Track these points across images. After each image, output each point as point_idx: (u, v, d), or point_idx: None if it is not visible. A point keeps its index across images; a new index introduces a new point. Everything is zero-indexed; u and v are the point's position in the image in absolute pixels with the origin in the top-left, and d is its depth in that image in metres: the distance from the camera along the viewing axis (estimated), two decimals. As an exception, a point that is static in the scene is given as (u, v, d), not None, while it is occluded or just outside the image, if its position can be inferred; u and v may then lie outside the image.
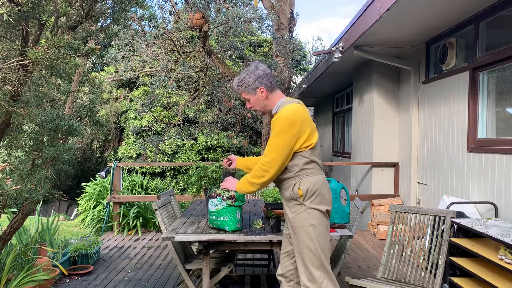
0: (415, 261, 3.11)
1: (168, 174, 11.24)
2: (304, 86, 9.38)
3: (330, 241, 2.40)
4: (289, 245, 2.47)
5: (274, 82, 2.43)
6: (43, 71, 2.40)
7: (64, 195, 11.86)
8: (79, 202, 7.25)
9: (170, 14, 6.34)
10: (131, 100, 11.65)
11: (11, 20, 1.98)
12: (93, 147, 12.51)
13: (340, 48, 5.71)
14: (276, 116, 2.29)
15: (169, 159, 11.15)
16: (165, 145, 10.91)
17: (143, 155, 9.98)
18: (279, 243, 2.77)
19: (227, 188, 2.49)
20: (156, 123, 10.30)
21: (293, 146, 2.26)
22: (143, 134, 11.24)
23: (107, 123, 11.45)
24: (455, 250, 3.25)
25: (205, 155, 11.33)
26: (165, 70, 5.96)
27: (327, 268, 2.29)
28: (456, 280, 3.10)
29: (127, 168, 9.18)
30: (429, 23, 4.52)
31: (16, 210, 4.16)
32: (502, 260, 2.65)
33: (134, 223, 6.22)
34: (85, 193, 6.99)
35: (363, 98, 6.85)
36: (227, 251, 3.55)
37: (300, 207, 2.30)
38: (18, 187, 2.26)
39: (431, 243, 3.00)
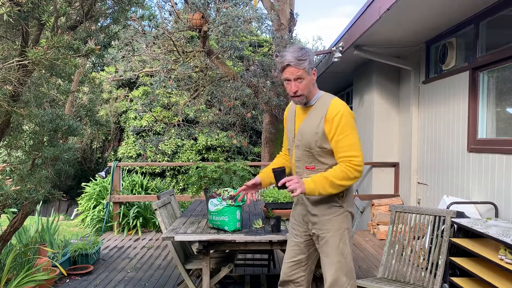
0: (415, 261, 3.11)
1: (168, 174, 11.24)
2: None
3: None
4: (301, 253, 2.33)
5: None
6: (43, 71, 2.40)
7: (64, 195, 11.86)
8: (79, 202, 7.25)
9: (170, 14, 6.34)
10: (131, 100, 11.65)
11: (11, 20, 1.98)
12: (93, 147, 12.51)
13: (340, 48, 5.71)
14: (338, 111, 2.09)
15: (169, 159, 11.15)
16: (165, 145, 10.91)
17: (143, 155, 9.97)
18: (279, 243, 2.77)
19: (300, 192, 2.05)
20: (156, 123, 10.30)
21: None
22: (143, 134, 11.24)
23: (107, 123, 11.45)
24: (455, 250, 3.25)
25: (205, 155, 11.33)
26: (165, 70, 5.96)
27: (353, 274, 2.22)
28: (456, 280, 3.10)
29: (127, 168, 9.17)
30: (429, 23, 4.52)
31: (16, 210, 4.16)
32: (502, 260, 2.65)
33: (134, 223, 6.22)
34: (85, 193, 6.99)
35: (363, 98, 6.85)
36: (227, 251, 3.55)
37: (338, 209, 2.20)
38: (18, 187, 2.26)
39: (431, 243, 3.00)
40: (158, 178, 10.86)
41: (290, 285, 2.38)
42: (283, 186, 2.09)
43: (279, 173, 2.13)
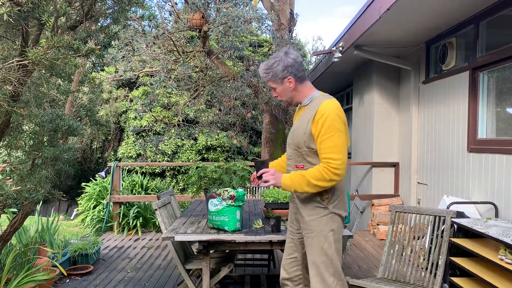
0: (415, 261, 3.11)
1: (168, 174, 11.24)
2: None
3: None
4: (297, 251, 2.38)
5: (305, 73, 2.26)
6: (43, 71, 2.40)
7: (64, 195, 11.86)
8: (79, 202, 7.25)
9: (170, 14, 6.34)
10: (131, 100, 11.65)
11: (11, 20, 1.98)
12: (93, 147, 12.51)
13: (340, 48, 5.71)
14: (323, 113, 2.11)
15: (169, 159, 11.15)
16: (165, 145, 10.91)
17: (143, 155, 9.97)
18: (279, 243, 2.77)
19: (273, 184, 2.18)
20: (156, 123, 10.30)
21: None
22: (143, 134, 11.24)
23: (107, 123, 11.45)
24: (455, 250, 3.25)
25: (205, 155, 11.33)
26: (165, 70, 5.96)
27: (341, 275, 2.22)
28: (456, 280, 3.10)
29: (127, 168, 9.17)
30: (429, 23, 4.52)
31: (16, 210, 4.16)
32: (502, 260, 2.65)
33: (134, 223, 6.22)
34: (85, 193, 6.99)
35: (363, 98, 6.85)
36: (227, 251, 3.55)
37: (322, 210, 2.20)
38: (18, 187, 2.26)
39: (431, 243, 3.00)
40: (158, 178, 10.86)
41: (289, 284, 2.41)
42: (261, 177, 2.23)
43: (260, 164, 2.26)
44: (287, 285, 2.43)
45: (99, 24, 2.91)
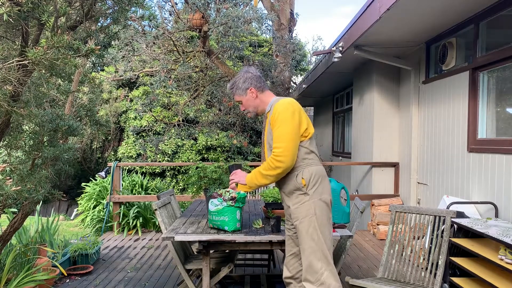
0: (415, 261, 3.11)
1: (168, 174, 11.24)
2: (304, 86, 9.38)
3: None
4: (295, 246, 2.46)
5: (264, 84, 2.52)
6: (43, 71, 2.39)
7: (64, 195, 11.86)
8: (79, 202, 7.25)
9: (170, 14, 6.34)
10: (131, 100, 11.65)
11: (11, 20, 1.98)
12: (93, 147, 12.51)
13: (340, 48, 5.71)
14: (274, 111, 2.33)
15: (169, 159, 11.15)
16: (165, 145, 10.90)
17: (143, 155, 9.97)
18: (279, 243, 2.77)
19: (236, 181, 2.43)
20: (156, 123, 10.30)
21: (299, 134, 2.30)
22: (143, 134, 11.24)
23: (107, 123, 11.45)
24: (455, 250, 3.25)
25: (205, 155, 11.33)
26: (165, 70, 5.96)
27: (329, 260, 2.27)
28: (456, 280, 3.10)
29: (127, 168, 9.17)
30: (429, 23, 4.52)
31: (16, 210, 4.16)
32: (502, 260, 2.65)
33: (134, 223, 6.22)
34: (85, 193, 6.99)
35: (363, 98, 6.85)
36: (227, 251, 3.55)
37: (304, 197, 2.31)
38: (18, 187, 2.26)
39: (431, 243, 3.00)
40: (158, 178, 10.86)
41: (293, 283, 2.45)
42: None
43: (232, 166, 2.54)
44: (291, 283, 2.47)
45: (99, 24, 2.91)
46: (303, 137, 2.32)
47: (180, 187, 11.08)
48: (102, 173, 6.86)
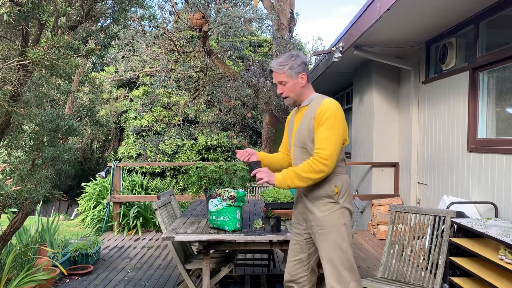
0: (415, 261, 3.11)
1: (168, 174, 11.24)
2: (304, 86, 9.37)
3: None
4: (302, 252, 2.38)
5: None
6: (43, 71, 2.40)
7: (64, 195, 11.85)
8: (79, 202, 7.25)
9: (170, 14, 6.34)
10: (131, 100, 11.65)
11: (11, 20, 1.98)
12: (93, 147, 12.51)
13: (340, 48, 5.71)
14: (323, 109, 2.20)
15: (169, 159, 11.15)
16: (165, 145, 10.90)
17: (143, 155, 9.97)
18: (279, 243, 2.77)
19: (266, 181, 2.21)
20: (156, 123, 10.30)
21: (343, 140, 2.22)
22: (143, 134, 11.24)
23: (107, 123, 11.44)
24: (455, 250, 3.25)
25: (205, 155, 11.33)
26: (165, 70, 5.96)
27: (355, 268, 2.25)
28: (456, 280, 3.10)
29: (127, 168, 9.17)
30: (429, 23, 4.52)
31: (16, 210, 4.16)
32: (502, 260, 2.65)
33: (134, 223, 6.22)
34: (85, 193, 6.99)
35: (363, 98, 6.85)
36: (227, 251, 3.55)
37: (333, 205, 2.23)
38: (18, 187, 2.26)
39: (431, 243, 3.00)
40: (158, 178, 10.86)
41: (295, 286, 2.39)
42: (254, 176, 2.27)
43: (253, 164, 2.32)
44: (292, 287, 2.40)
45: (99, 24, 2.91)
46: (342, 144, 2.24)
47: (180, 187, 11.08)
48: (102, 173, 6.85)
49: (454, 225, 3.31)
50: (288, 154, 2.58)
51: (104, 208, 6.48)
